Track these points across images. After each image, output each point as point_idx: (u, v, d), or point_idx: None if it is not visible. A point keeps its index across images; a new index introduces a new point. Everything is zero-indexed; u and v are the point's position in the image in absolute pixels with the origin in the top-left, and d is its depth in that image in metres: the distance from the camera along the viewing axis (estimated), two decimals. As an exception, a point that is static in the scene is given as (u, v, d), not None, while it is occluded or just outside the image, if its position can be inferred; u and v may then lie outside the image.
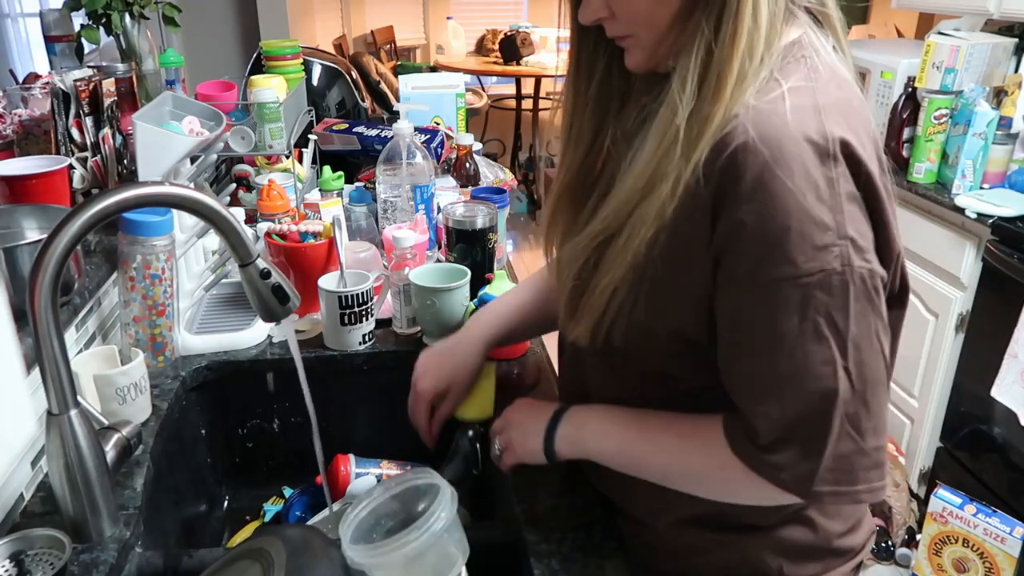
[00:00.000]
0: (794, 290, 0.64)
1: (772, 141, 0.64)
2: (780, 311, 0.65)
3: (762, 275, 0.65)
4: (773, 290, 0.65)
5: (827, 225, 0.63)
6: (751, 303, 0.67)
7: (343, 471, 1.11)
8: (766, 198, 0.63)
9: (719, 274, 0.68)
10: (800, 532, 0.82)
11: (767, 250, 0.64)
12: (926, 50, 2.28)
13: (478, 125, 4.99)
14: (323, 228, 1.27)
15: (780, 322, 0.65)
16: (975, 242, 2.07)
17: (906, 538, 2.20)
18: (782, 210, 0.63)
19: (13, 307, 0.87)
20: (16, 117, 1.37)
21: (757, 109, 0.65)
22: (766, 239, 0.64)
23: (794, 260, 0.63)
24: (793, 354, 0.66)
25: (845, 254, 0.64)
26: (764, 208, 0.63)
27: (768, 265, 0.64)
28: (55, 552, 0.78)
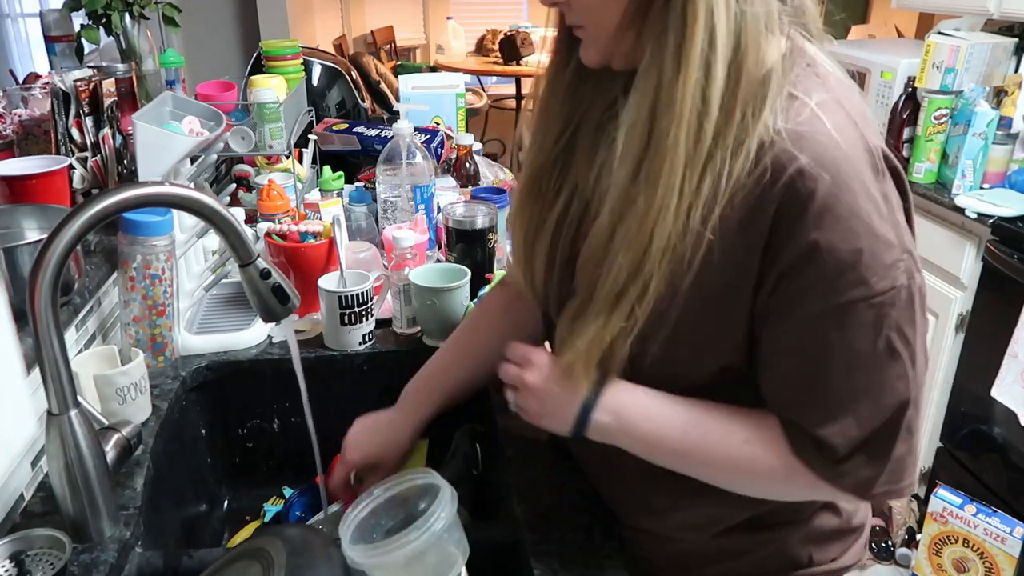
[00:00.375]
0: (869, 310, 0.64)
1: (829, 163, 0.63)
2: (856, 331, 0.65)
3: (836, 298, 0.64)
4: (849, 312, 0.65)
5: (891, 242, 0.64)
6: (825, 327, 0.66)
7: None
8: (834, 222, 0.62)
9: (774, 300, 0.67)
10: (828, 519, 0.85)
11: (839, 273, 0.64)
12: (926, 50, 2.28)
13: (478, 125, 4.99)
14: (323, 228, 1.27)
15: (857, 342, 0.65)
16: (975, 242, 2.07)
17: (906, 538, 2.20)
18: (852, 233, 0.63)
19: (13, 307, 0.87)
20: (16, 117, 1.37)
21: (798, 133, 0.63)
22: (838, 263, 0.63)
23: (867, 281, 0.64)
24: (870, 372, 0.66)
25: (909, 268, 0.65)
26: (833, 232, 0.63)
27: (842, 288, 0.64)
28: (55, 552, 0.78)
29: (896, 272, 0.64)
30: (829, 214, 0.62)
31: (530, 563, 0.79)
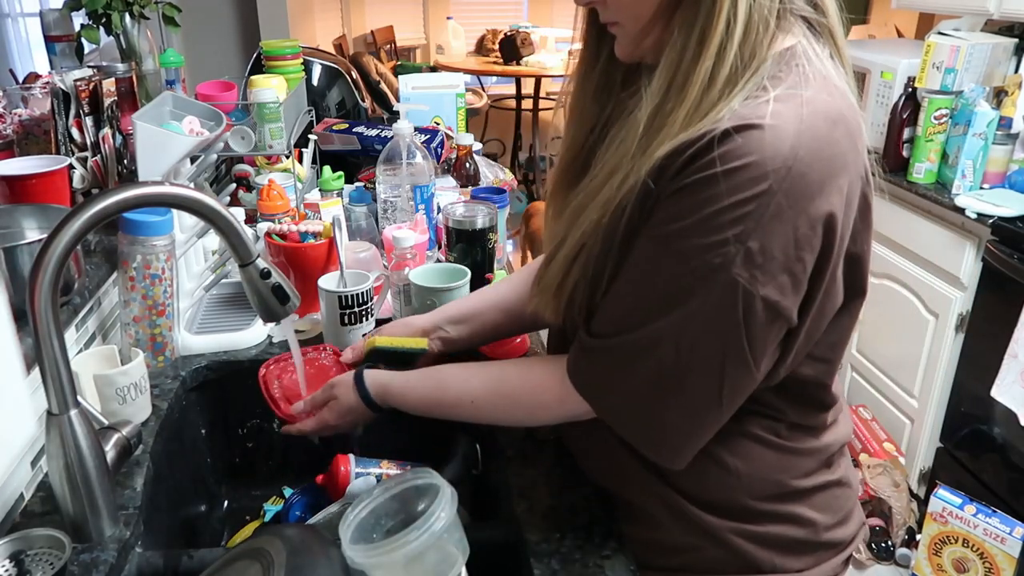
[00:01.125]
0: (671, 262, 0.69)
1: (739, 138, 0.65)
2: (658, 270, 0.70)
3: (661, 234, 0.69)
4: (663, 250, 0.70)
5: (734, 225, 0.66)
6: (644, 247, 0.72)
7: (343, 471, 1.11)
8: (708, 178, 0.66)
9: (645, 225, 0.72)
10: (789, 527, 0.84)
11: (677, 218, 0.68)
12: (926, 50, 2.28)
13: (478, 125, 4.99)
14: (323, 228, 1.27)
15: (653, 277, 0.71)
16: (975, 242, 2.07)
17: (906, 538, 2.20)
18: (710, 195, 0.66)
19: (13, 307, 0.87)
20: (16, 117, 1.37)
21: (739, 114, 0.67)
22: (683, 210, 0.68)
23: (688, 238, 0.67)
24: (646, 305, 0.71)
25: (730, 258, 0.66)
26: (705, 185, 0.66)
27: (671, 229, 0.68)
28: (55, 552, 0.78)
29: (713, 252, 0.66)
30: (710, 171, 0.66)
31: (530, 563, 0.79)
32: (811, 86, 0.69)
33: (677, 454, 0.76)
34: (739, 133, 0.65)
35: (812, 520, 0.85)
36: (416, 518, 0.71)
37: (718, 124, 0.66)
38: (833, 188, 0.67)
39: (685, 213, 0.67)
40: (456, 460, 1.05)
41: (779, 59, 0.70)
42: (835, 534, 0.88)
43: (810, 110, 0.67)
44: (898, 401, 2.41)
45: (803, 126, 0.66)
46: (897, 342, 2.39)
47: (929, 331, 2.25)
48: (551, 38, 4.75)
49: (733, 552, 0.83)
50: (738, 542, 0.83)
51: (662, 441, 0.76)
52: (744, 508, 0.83)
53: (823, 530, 0.86)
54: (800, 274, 0.69)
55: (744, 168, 0.65)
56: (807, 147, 0.66)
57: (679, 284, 0.69)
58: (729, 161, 0.65)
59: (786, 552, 0.84)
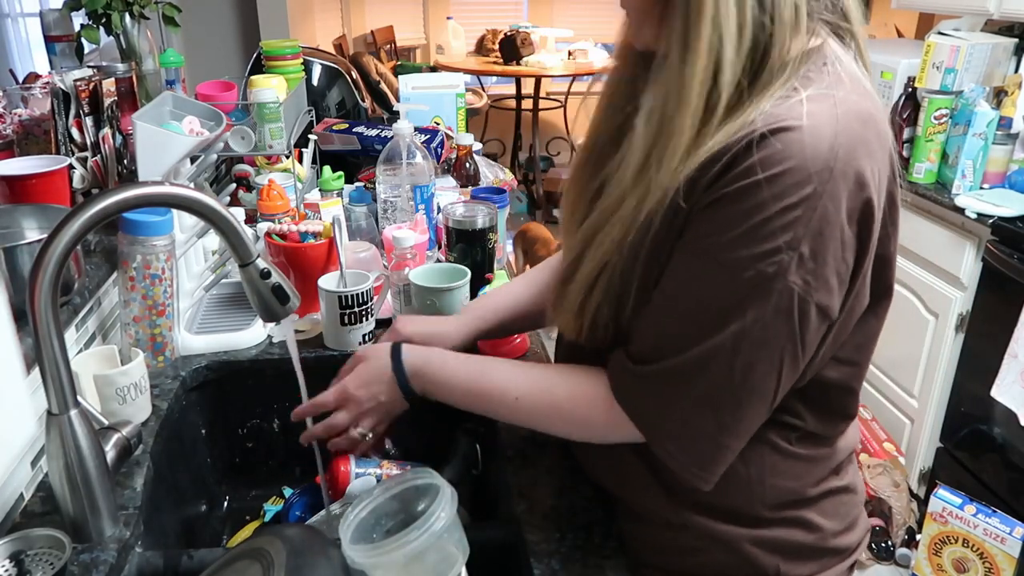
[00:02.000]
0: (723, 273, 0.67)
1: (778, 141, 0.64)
2: (708, 284, 0.68)
3: (707, 247, 0.68)
4: (710, 265, 0.68)
5: (785, 231, 0.64)
6: (690, 268, 0.70)
7: (343, 471, 1.11)
8: (748, 188, 0.65)
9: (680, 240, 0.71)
10: (797, 532, 0.83)
11: (723, 229, 0.67)
12: (926, 50, 2.28)
13: (478, 125, 4.99)
14: (323, 228, 1.27)
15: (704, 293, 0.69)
16: (975, 242, 2.07)
17: (906, 538, 2.20)
18: (755, 203, 0.65)
19: (13, 307, 0.87)
20: (16, 117, 1.37)
21: (774, 115, 0.66)
22: (728, 220, 0.66)
23: (738, 248, 0.66)
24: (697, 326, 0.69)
25: (785, 265, 0.65)
26: (741, 195, 0.65)
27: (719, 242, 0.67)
28: (55, 552, 0.78)
29: (768, 260, 0.65)
30: (751, 178, 0.65)
31: (530, 563, 0.79)
32: (842, 87, 0.68)
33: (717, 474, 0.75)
34: (776, 136, 0.64)
35: (820, 526, 0.84)
36: (416, 518, 0.71)
37: (752, 128, 0.65)
38: (871, 187, 0.67)
39: (730, 224, 0.66)
40: (456, 460, 1.06)
41: (806, 59, 0.69)
42: (841, 540, 0.87)
43: (844, 110, 0.66)
44: (898, 401, 2.41)
45: (839, 126, 0.65)
46: (897, 342, 2.39)
47: (929, 331, 2.25)
48: (551, 38, 4.75)
49: (739, 556, 0.83)
50: (744, 547, 0.82)
51: (712, 464, 0.74)
52: (753, 515, 0.82)
53: (830, 536, 0.85)
54: (845, 275, 0.68)
55: (788, 173, 0.64)
56: (845, 147, 0.65)
57: (732, 297, 0.67)
58: (771, 166, 0.64)
59: (792, 557, 0.84)
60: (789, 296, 0.66)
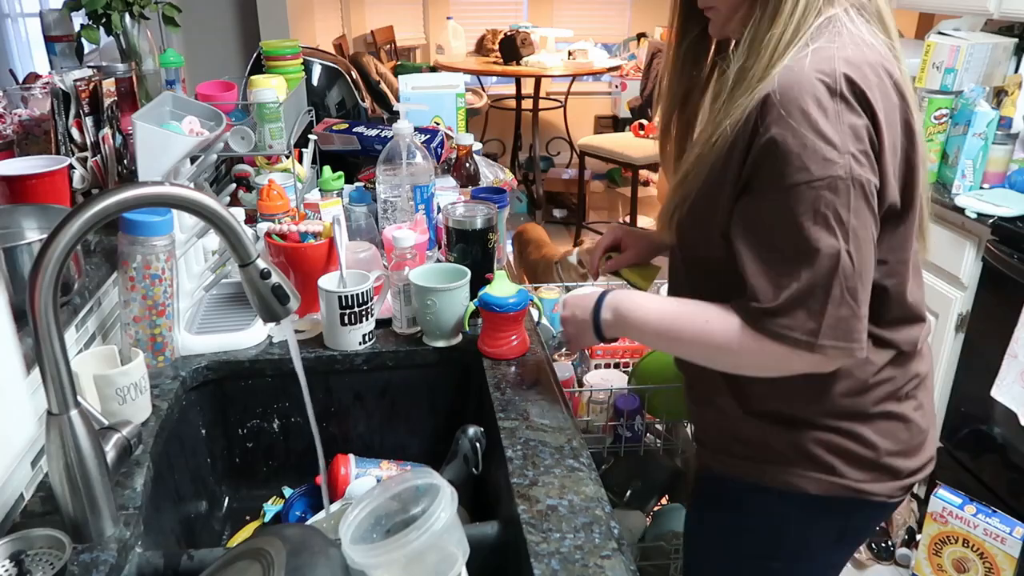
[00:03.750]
0: (809, 191, 0.82)
1: (793, 84, 0.83)
2: (797, 208, 0.83)
3: (783, 181, 0.83)
4: (792, 193, 0.83)
5: (834, 143, 0.82)
6: (774, 206, 0.85)
7: (343, 472, 1.11)
8: (787, 124, 0.82)
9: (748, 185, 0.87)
10: (851, 443, 0.97)
11: (787, 162, 0.83)
12: (926, 50, 2.28)
13: (478, 125, 4.99)
14: (323, 228, 1.27)
15: (797, 216, 0.83)
16: (975, 242, 2.07)
17: (906, 538, 2.20)
18: (800, 131, 0.82)
19: (13, 307, 0.87)
20: (16, 117, 1.37)
21: (787, 67, 0.84)
22: (787, 153, 0.82)
23: (808, 168, 0.82)
24: (807, 241, 0.83)
25: (847, 165, 0.82)
26: (786, 131, 0.82)
27: (789, 173, 0.83)
28: (55, 552, 0.78)
29: (834, 166, 0.82)
30: (783, 119, 0.82)
31: (530, 563, 0.79)
32: (842, 42, 0.85)
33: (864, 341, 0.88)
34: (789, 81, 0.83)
35: (874, 444, 0.97)
36: (416, 518, 0.71)
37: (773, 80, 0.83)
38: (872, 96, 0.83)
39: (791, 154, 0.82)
40: (456, 460, 1.06)
41: (821, 26, 0.87)
42: (896, 461, 0.99)
43: (839, 56, 0.84)
44: (898, 401, 2.41)
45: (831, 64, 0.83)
46: (897, 342, 2.39)
47: (929, 331, 2.24)
48: (551, 38, 4.75)
49: (799, 449, 0.97)
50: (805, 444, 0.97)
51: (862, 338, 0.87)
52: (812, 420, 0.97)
53: (884, 455, 0.98)
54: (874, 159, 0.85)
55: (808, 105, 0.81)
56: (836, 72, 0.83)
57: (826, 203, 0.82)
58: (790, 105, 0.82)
59: (848, 462, 0.97)
60: (862, 186, 0.83)
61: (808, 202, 0.82)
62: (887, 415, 0.98)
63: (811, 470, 0.98)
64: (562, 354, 1.62)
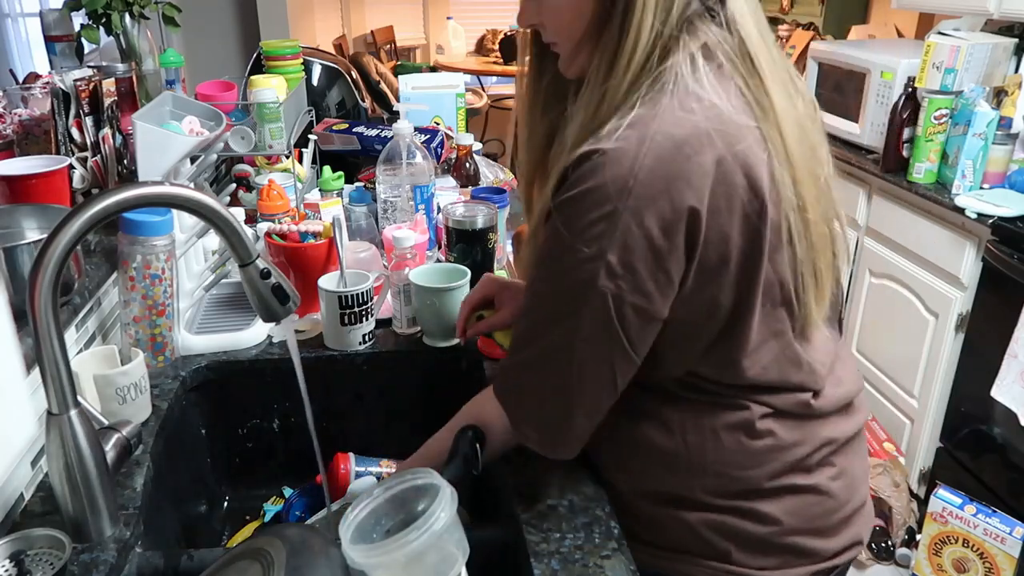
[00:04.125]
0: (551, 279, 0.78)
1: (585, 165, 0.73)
2: (543, 290, 0.80)
3: (542, 257, 0.79)
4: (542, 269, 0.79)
5: (591, 243, 0.73)
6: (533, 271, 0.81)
7: (343, 470, 1.11)
8: (562, 205, 0.75)
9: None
10: (744, 521, 0.85)
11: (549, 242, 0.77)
12: (926, 50, 2.28)
13: (478, 125, 4.99)
14: (323, 228, 1.27)
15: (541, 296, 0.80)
16: (975, 242, 2.07)
17: (906, 538, 2.20)
18: (567, 218, 0.74)
19: (13, 307, 0.87)
20: (16, 117, 1.37)
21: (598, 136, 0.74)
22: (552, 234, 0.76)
23: (560, 258, 0.76)
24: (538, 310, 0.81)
25: (594, 272, 0.73)
26: (558, 212, 0.75)
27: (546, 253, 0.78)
28: (55, 552, 0.78)
29: (583, 268, 0.74)
30: (563, 198, 0.74)
31: (530, 563, 0.79)
32: (665, 106, 0.73)
33: (575, 448, 0.84)
34: (586, 159, 0.73)
35: (774, 519, 0.85)
36: (416, 518, 0.71)
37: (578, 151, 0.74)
38: (682, 200, 0.71)
39: (555, 236, 0.75)
40: (456, 460, 1.05)
41: (654, 81, 0.75)
42: (807, 542, 0.86)
43: (655, 131, 0.72)
44: (898, 401, 2.41)
45: (644, 148, 0.72)
46: (897, 342, 2.39)
47: (929, 331, 2.25)
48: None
49: (693, 535, 0.87)
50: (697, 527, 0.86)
51: (568, 440, 0.84)
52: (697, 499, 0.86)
53: (788, 533, 0.85)
54: (665, 280, 0.75)
55: (590, 192, 0.72)
56: (648, 167, 0.71)
57: (559, 300, 0.77)
58: (579, 186, 0.73)
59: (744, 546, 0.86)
60: (603, 299, 0.74)
61: (546, 291, 0.79)
62: (791, 488, 0.85)
63: (705, 557, 0.86)
64: None
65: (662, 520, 0.88)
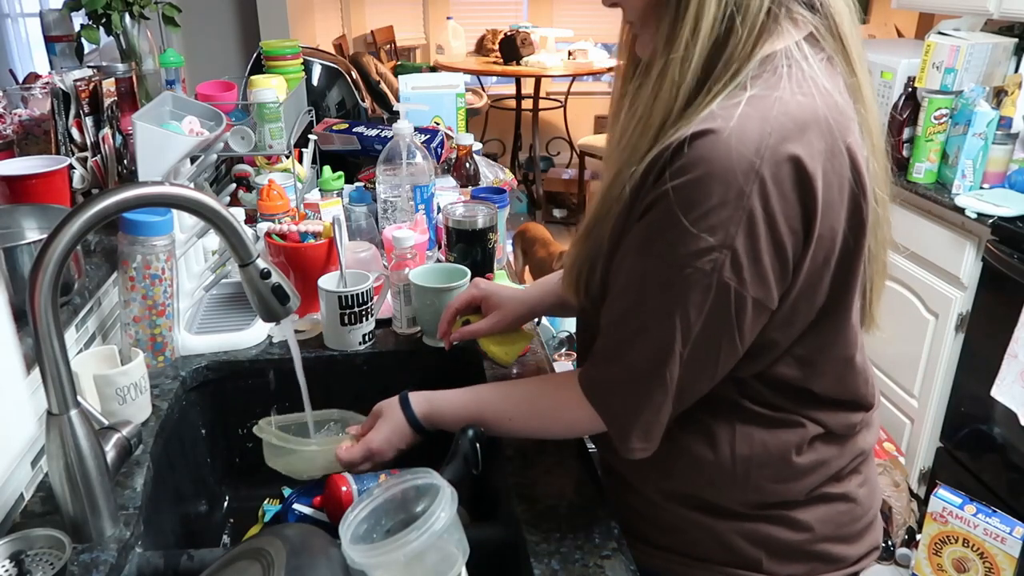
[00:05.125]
0: (665, 271, 0.71)
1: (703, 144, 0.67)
2: (646, 282, 0.73)
3: (648, 247, 0.72)
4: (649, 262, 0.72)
5: (716, 231, 0.67)
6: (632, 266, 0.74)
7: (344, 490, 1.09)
8: (678, 188, 0.68)
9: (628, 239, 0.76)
10: (779, 530, 0.85)
11: (662, 230, 0.70)
12: (926, 50, 2.28)
13: (478, 125, 4.99)
14: (323, 228, 1.27)
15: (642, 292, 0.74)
16: (975, 242, 2.07)
17: (906, 538, 2.20)
18: (686, 202, 0.68)
19: (13, 307, 0.87)
20: (16, 117, 1.37)
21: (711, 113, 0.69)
22: (665, 221, 0.69)
23: (676, 248, 0.69)
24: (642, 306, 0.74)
25: (719, 262, 0.68)
26: (674, 196, 0.68)
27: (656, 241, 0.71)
28: (55, 552, 0.78)
29: (704, 258, 0.68)
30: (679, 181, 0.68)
31: (530, 563, 0.79)
32: (785, 87, 0.70)
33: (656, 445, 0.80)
34: (701, 139, 0.67)
35: (807, 526, 0.85)
36: (416, 518, 0.71)
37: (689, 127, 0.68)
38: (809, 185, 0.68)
39: (668, 224, 0.69)
40: (456, 460, 1.05)
41: (763, 63, 0.71)
42: (835, 549, 0.87)
43: (778, 112, 0.68)
44: (898, 401, 2.41)
45: (768, 129, 0.67)
46: (897, 342, 2.39)
47: (929, 331, 2.25)
48: (551, 38, 4.74)
49: (721, 543, 0.85)
50: (728, 536, 0.84)
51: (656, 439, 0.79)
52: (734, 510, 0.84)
53: (820, 540, 0.85)
54: (781, 269, 0.71)
55: (713, 174, 0.66)
56: (772, 148, 0.67)
57: (675, 294, 0.71)
58: (697, 169, 0.67)
59: (776, 554, 0.85)
60: (726, 291, 0.69)
61: (657, 283, 0.72)
62: (824, 497, 0.85)
63: (733, 566, 0.85)
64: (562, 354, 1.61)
65: (685, 526, 0.87)
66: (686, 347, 0.72)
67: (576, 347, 1.00)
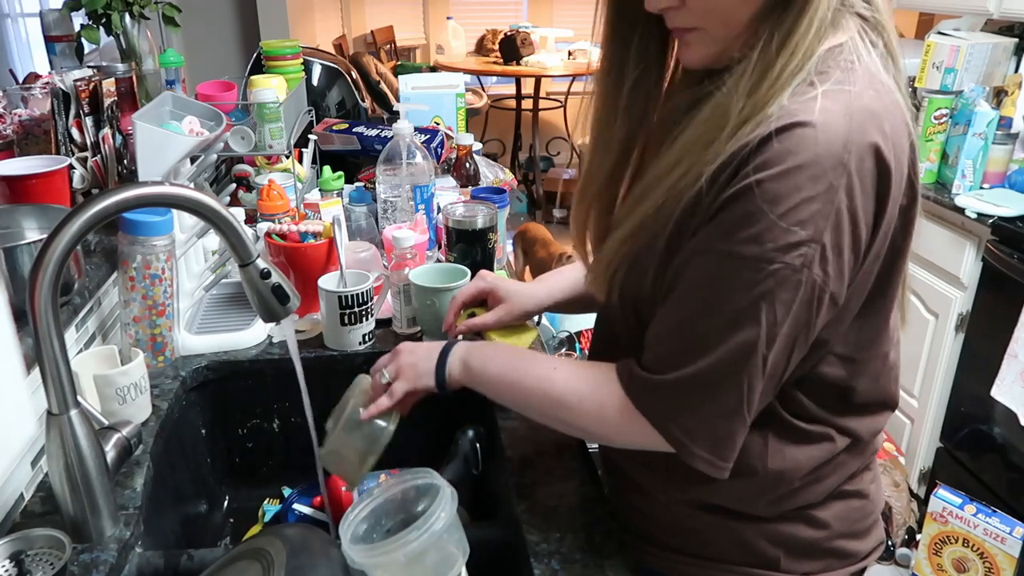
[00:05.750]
0: (748, 270, 0.67)
1: (790, 137, 0.66)
2: (729, 282, 0.68)
3: (727, 243, 0.68)
4: (731, 261, 0.68)
5: (807, 225, 0.65)
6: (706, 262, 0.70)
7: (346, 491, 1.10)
8: (765, 182, 0.65)
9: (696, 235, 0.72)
10: (800, 528, 0.84)
11: (743, 223, 0.67)
12: (926, 50, 2.28)
13: (478, 125, 4.99)
14: (323, 228, 1.27)
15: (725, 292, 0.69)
16: (975, 242, 2.07)
17: (906, 538, 2.20)
18: (774, 198, 0.65)
19: (13, 307, 0.87)
20: (16, 117, 1.37)
21: (790, 110, 0.67)
22: (748, 214, 0.66)
23: (763, 243, 0.66)
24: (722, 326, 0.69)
25: (810, 257, 0.66)
26: (759, 190, 0.66)
27: (737, 237, 0.67)
28: (55, 552, 0.78)
29: (793, 253, 0.66)
30: (767, 174, 0.65)
31: (530, 563, 0.79)
32: (858, 82, 0.69)
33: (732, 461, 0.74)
34: (791, 131, 0.66)
35: (825, 523, 0.85)
36: (416, 518, 0.71)
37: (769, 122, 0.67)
38: (885, 183, 0.68)
39: (752, 218, 0.66)
40: (456, 460, 1.06)
41: (827, 55, 0.70)
42: (848, 544, 0.87)
43: (858, 106, 0.67)
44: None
45: (853, 123, 0.66)
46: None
47: (929, 331, 2.25)
48: (551, 38, 4.74)
49: (739, 543, 0.84)
50: (746, 535, 0.83)
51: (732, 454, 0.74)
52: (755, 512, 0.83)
53: (835, 537, 0.86)
54: (856, 263, 0.70)
55: (804, 167, 0.65)
56: (858, 144, 0.66)
57: (759, 291, 0.67)
58: (788, 161, 0.65)
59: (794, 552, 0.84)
60: (813, 287, 0.67)
61: (743, 281, 0.67)
62: (842, 495, 0.86)
63: (750, 565, 0.84)
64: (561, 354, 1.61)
65: (701, 528, 0.85)
66: (770, 348, 0.69)
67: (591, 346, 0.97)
